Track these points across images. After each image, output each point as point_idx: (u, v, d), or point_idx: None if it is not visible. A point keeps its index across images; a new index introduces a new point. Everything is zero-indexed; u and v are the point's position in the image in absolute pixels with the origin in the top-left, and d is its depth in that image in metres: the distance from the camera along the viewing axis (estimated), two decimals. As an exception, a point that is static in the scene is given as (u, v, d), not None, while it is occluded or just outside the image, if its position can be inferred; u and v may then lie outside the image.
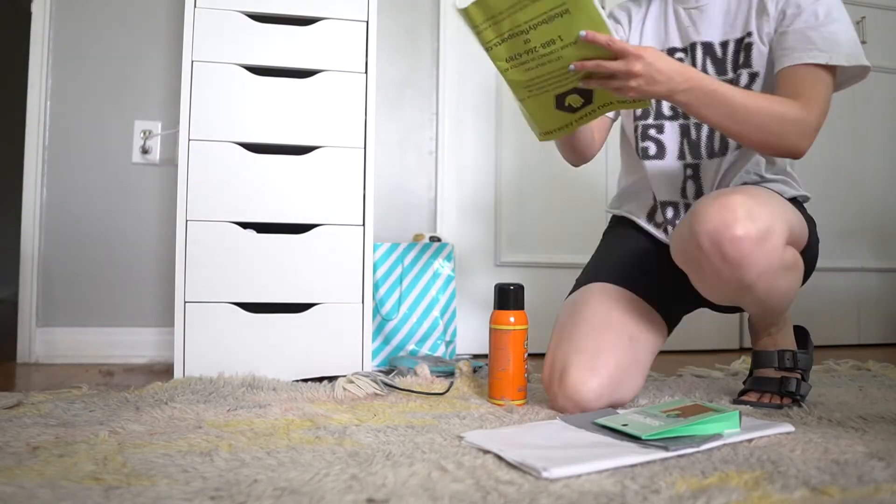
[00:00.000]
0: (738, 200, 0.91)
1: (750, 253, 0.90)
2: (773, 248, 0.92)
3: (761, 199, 0.95)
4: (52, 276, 1.69)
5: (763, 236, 0.90)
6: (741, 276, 0.92)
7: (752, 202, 0.92)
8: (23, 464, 0.72)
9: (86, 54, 1.72)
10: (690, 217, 0.96)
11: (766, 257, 0.91)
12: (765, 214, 0.91)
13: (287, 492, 0.64)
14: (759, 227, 0.89)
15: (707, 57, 1.14)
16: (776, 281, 0.96)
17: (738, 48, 1.12)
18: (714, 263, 0.92)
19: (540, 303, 1.89)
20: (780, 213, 0.96)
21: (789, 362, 1.12)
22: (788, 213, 1.00)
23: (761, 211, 0.91)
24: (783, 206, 1.01)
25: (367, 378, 1.21)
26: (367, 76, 1.41)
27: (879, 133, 2.32)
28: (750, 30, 1.10)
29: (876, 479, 0.68)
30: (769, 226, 0.91)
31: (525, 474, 0.70)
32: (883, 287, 2.31)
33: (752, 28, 1.10)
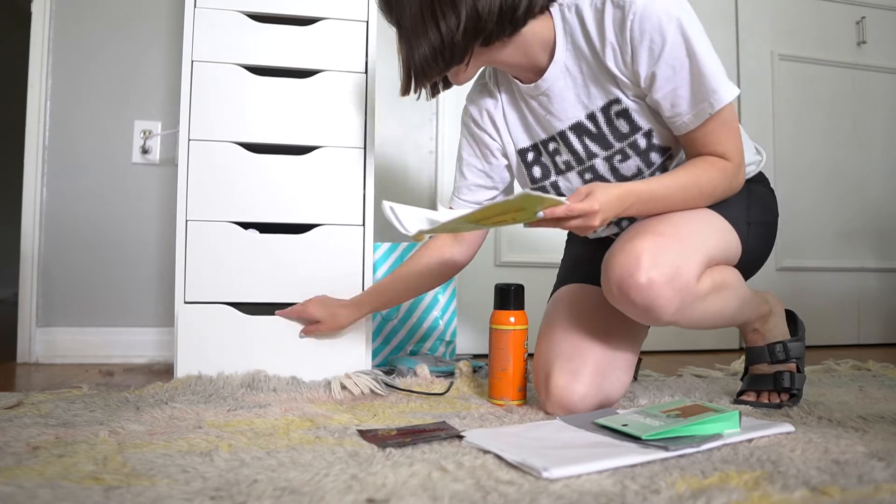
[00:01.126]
0: (642, 245, 0.92)
1: (657, 297, 0.90)
2: (683, 287, 0.91)
3: (671, 235, 0.94)
4: (52, 276, 1.69)
5: (670, 279, 0.90)
6: (656, 317, 0.93)
7: (658, 243, 0.92)
8: (23, 464, 0.72)
9: (86, 54, 1.73)
10: (604, 262, 0.97)
11: (675, 298, 0.91)
12: (670, 255, 0.91)
13: (287, 492, 0.64)
14: (664, 271, 0.90)
15: (584, 137, 1.07)
16: (697, 312, 0.96)
17: (608, 117, 1.04)
18: (627, 309, 0.94)
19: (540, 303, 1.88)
20: (693, 245, 0.95)
21: (781, 354, 1.13)
22: (706, 236, 0.99)
23: (666, 252, 0.91)
24: (701, 230, 1.00)
25: (367, 376, 1.21)
26: (367, 76, 1.41)
27: (879, 133, 2.32)
28: (615, 96, 1.02)
29: (876, 479, 0.68)
30: (676, 266, 0.91)
31: (525, 474, 0.70)
32: (883, 287, 2.31)
33: (616, 94, 1.02)
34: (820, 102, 2.25)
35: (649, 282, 0.89)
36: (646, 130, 1.03)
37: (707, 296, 0.97)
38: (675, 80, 0.96)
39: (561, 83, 1.06)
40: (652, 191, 0.98)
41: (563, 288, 1.19)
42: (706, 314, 0.99)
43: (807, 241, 2.20)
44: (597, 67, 1.02)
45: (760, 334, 1.15)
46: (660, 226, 0.97)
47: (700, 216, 1.02)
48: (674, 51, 0.95)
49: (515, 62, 1.06)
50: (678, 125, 1.00)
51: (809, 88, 2.25)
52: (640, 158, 1.06)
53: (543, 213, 0.87)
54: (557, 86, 1.06)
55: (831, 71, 2.25)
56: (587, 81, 1.04)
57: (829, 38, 2.26)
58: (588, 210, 0.88)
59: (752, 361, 1.16)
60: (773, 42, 2.21)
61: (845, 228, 2.29)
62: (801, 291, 2.17)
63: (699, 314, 0.97)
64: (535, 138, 1.14)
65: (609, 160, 1.07)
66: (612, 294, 0.95)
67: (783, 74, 2.21)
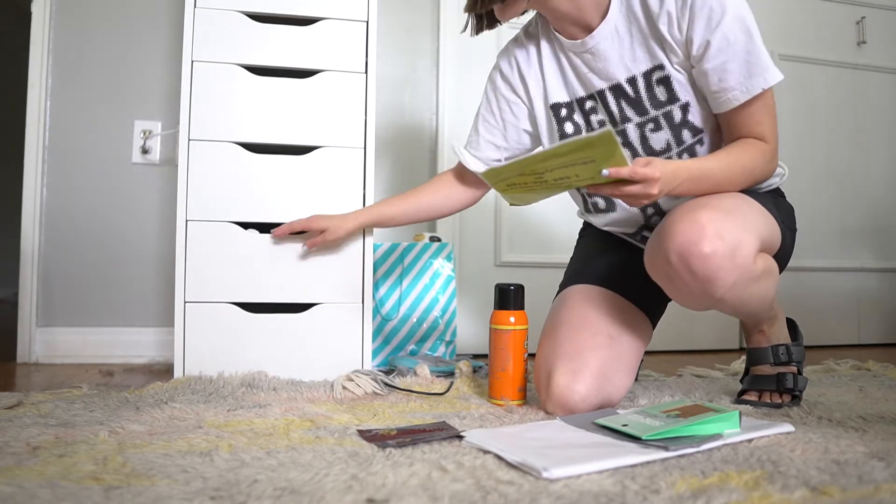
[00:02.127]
0: (707, 216, 0.91)
1: (719, 269, 0.89)
2: (743, 263, 0.91)
3: (731, 211, 0.95)
4: (52, 276, 1.69)
5: (732, 252, 0.90)
6: (711, 291, 0.92)
7: (721, 216, 0.92)
8: (23, 464, 0.72)
9: (86, 54, 1.73)
10: (660, 232, 0.96)
11: (735, 272, 0.91)
12: (733, 229, 0.91)
13: (287, 492, 0.64)
14: (727, 243, 0.89)
15: (621, 99, 1.09)
16: (747, 292, 0.96)
17: (649, 83, 1.06)
18: (684, 279, 0.92)
19: (540, 303, 1.89)
20: (751, 224, 0.96)
21: (784, 356, 1.13)
22: (759, 220, 1.00)
23: (729, 225, 0.91)
24: (754, 213, 1.00)
25: (367, 376, 1.21)
26: (367, 76, 1.40)
27: (879, 133, 2.32)
28: (660, 62, 1.04)
29: (876, 479, 0.68)
30: (737, 240, 0.90)
31: (525, 474, 0.70)
32: (883, 287, 2.31)
33: (662, 60, 1.04)
34: (820, 102, 2.25)
35: (713, 252, 0.88)
36: (683, 103, 1.05)
37: (759, 278, 0.97)
38: (728, 52, 0.98)
39: (608, 43, 1.07)
40: (702, 168, 0.98)
41: (571, 288, 1.19)
42: (753, 297, 0.99)
43: (807, 241, 2.20)
44: (648, 31, 1.04)
45: (765, 335, 1.15)
46: (715, 202, 0.97)
47: (749, 203, 1.02)
48: (732, 23, 0.97)
49: (565, 10, 1.07)
50: (723, 101, 1.01)
51: (809, 88, 2.25)
52: (672, 132, 1.07)
53: (609, 172, 0.85)
54: (604, 45, 1.08)
55: (831, 71, 2.25)
56: (634, 45, 1.06)
57: (829, 38, 2.26)
58: (650, 176, 0.87)
59: (754, 362, 1.16)
60: (773, 42, 2.21)
61: (845, 228, 2.29)
62: (801, 291, 2.17)
63: (747, 295, 0.97)
64: (572, 95, 1.15)
65: (641, 127, 1.08)
66: (668, 264, 0.93)
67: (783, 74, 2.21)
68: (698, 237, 0.89)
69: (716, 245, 0.88)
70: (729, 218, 0.92)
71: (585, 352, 1.04)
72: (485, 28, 1.18)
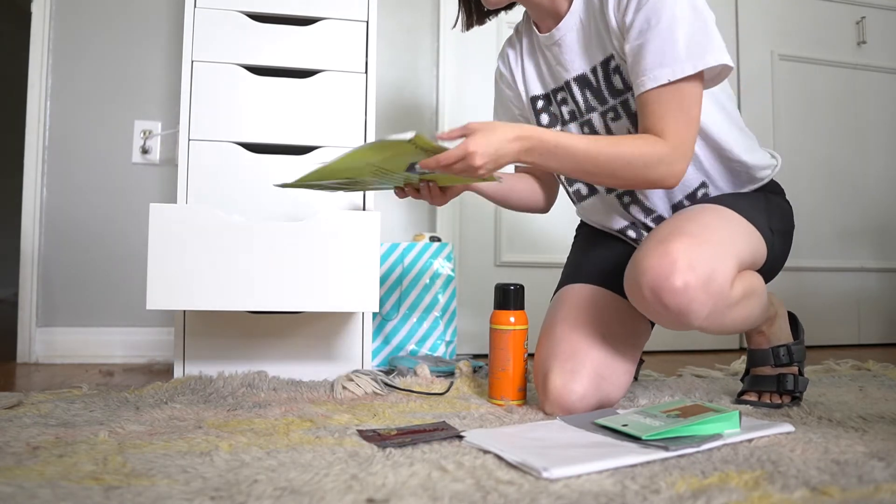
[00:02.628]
0: (677, 247, 0.89)
1: (691, 302, 0.88)
2: (717, 292, 0.90)
3: (704, 236, 0.93)
4: (52, 276, 1.69)
5: (705, 283, 0.88)
6: (687, 322, 0.91)
7: (692, 244, 0.90)
8: (23, 464, 0.72)
9: (86, 54, 1.73)
10: (634, 264, 0.95)
11: (709, 303, 0.89)
12: (706, 258, 0.89)
13: (287, 492, 0.64)
14: (699, 275, 0.87)
15: (585, 90, 1.09)
16: (727, 318, 0.96)
17: (606, 72, 1.06)
18: (659, 312, 0.91)
19: (540, 303, 1.88)
20: (727, 248, 0.94)
21: (785, 358, 1.13)
22: (737, 240, 0.98)
23: (702, 254, 0.89)
24: (732, 232, 0.99)
25: (367, 376, 1.21)
26: (367, 76, 1.41)
27: (879, 133, 2.32)
28: (610, 52, 1.04)
29: (876, 479, 0.68)
30: (710, 270, 0.89)
31: (525, 474, 0.70)
32: (883, 287, 2.31)
33: (611, 49, 1.03)
34: (820, 102, 2.25)
35: (685, 286, 0.87)
36: None
37: (738, 302, 0.96)
38: (647, 34, 0.95)
39: (573, 34, 1.09)
40: (561, 141, 0.94)
41: (567, 287, 1.19)
42: (734, 320, 0.98)
43: (807, 241, 2.20)
44: (601, 21, 1.04)
45: (765, 337, 1.15)
46: (690, 226, 0.95)
47: (728, 219, 1.01)
48: (658, 5, 0.94)
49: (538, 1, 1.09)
50: (636, 84, 0.98)
51: (809, 88, 2.25)
52: (629, 121, 1.06)
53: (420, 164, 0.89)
54: (569, 37, 1.09)
55: (831, 71, 2.25)
56: (592, 35, 1.07)
57: (829, 38, 2.26)
58: (463, 154, 0.88)
59: (754, 363, 1.16)
60: (773, 42, 2.21)
61: (845, 228, 2.29)
62: (801, 291, 2.17)
63: (728, 320, 0.96)
64: (546, 87, 1.18)
65: (604, 116, 1.09)
66: (642, 298, 0.92)
67: (783, 74, 2.21)
68: (669, 271, 0.87)
69: (687, 278, 0.87)
70: (701, 246, 0.90)
71: (581, 351, 1.04)
72: (475, 23, 1.20)
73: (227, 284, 1.12)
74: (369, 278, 1.17)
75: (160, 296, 1.10)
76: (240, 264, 1.13)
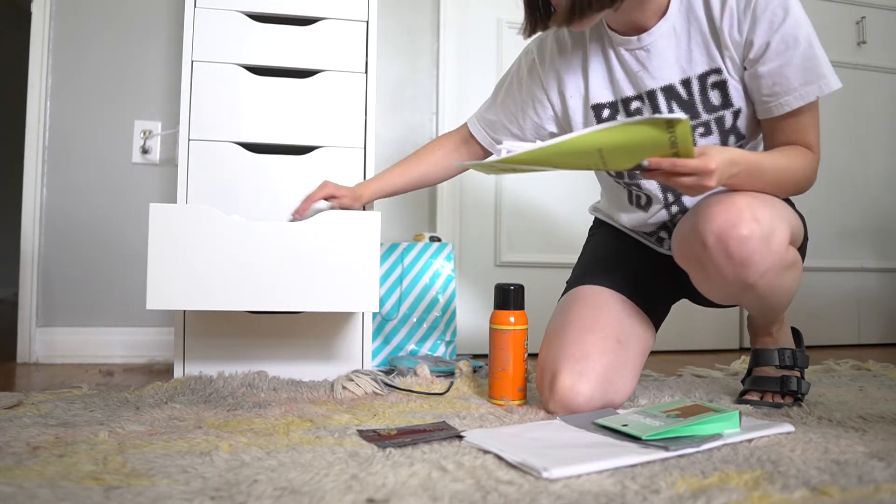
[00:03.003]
0: (743, 202, 0.92)
1: (754, 252, 0.90)
2: (777, 249, 0.92)
3: (763, 200, 0.95)
4: (52, 276, 1.69)
5: (767, 236, 0.91)
6: (745, 275, 0.92)
7: (756, 203, 0.92)
8: (23, 464, 0.72)
9: (86, 54, 1.73)
10: (694, 216, 0.96)
11: (770, 257, 0.92)
12: (768, 215, 0.92)
13: (287, 492, 0.64)
14: (764, 228, 0.90)
15: (672, 101, 1.07)
16: (778, 280, 0.96)
17: (703, 86, 1.05)
18: (718, 262, 0.93)
19: (540, 303, 1.88)
20: (782, 214, 0.97)
21: (789, 360, 1.13)
22: (788, 214, 1.01)
23: (765, 212, 0.92)
24: (783, 207, 1.01)
25: (367, 376, 1.21)
26: (367, 76, 1.41)
27: (879, 133, 2.32)
28: (717, 66, 1.03)
29: (876, 479, 0.68)
30: (773, 226, 0.92)
31: (525, 474, 0.70)
32: (883, 287, 2.31)
33: (720, 64, 1.03)
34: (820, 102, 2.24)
35: (750, 234, 0.89)
36: (736, 109, 1.05)
37: (789, 267, 0.98)
38: (786, 55, 0.98)
39: (665, 42, 1.05)
40: (759, 162, 0.97)
41: (580, 288, 1.17)
42: (782, 286, 0.99)
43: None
44: (709, 33, 1.03)
45: (773, 339, 1.15)
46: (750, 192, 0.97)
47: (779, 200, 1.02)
48: (793, 28, 0.98)
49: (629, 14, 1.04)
50: (773, 105, 1.01)
51: (809, 88, 2.24)
52: (720, 137, 1.07)
53: (648, 162, 0.85)
54: (661, 43, 1.05)
55: (831, 71, 2.25)
56: (692, 46, 1.04)
57: (829, 38, 2.23)
58: (702, 168, 0.85)
59: (758, 363, 1.16)
60: (773, 42, 2.21)
61: (845, 228, 2.29)
62: (801, 291, 2.14)
63: (777, 283, 0.97)
64: (618, 94, 1.11)
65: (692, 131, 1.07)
66: (704, 246, 0.93)
67: None
68: (737, 219, 0.90)
69: (753, 228, 0.89)
70: (765, 205, 0.93)
71: (593, 355, 1.04)
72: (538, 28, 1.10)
73: (227, 284, 1.10)
74: (369, 278, 1.16)
75: (160, 296, 1.09)
76: (240, 264, 1.11)
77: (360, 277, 1.16)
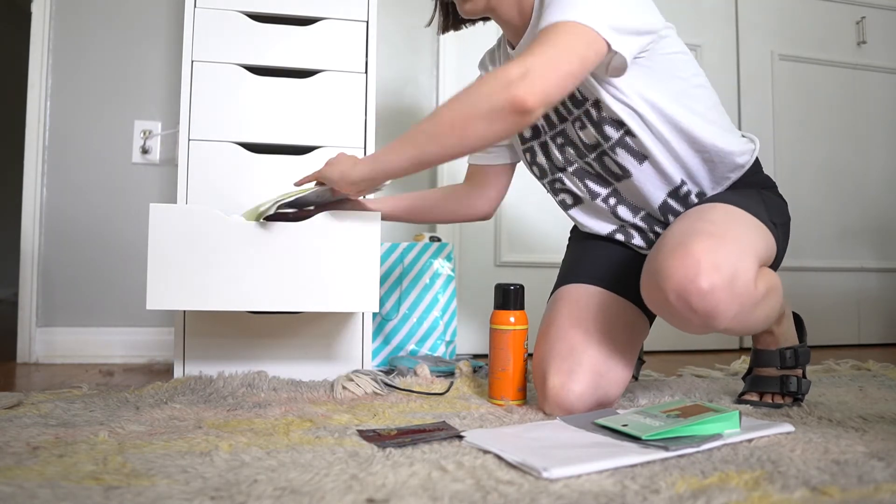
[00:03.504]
0: (700, 247, 0.87)
1: (719, 303, 0.86)
2: (743, 292, 0.88)
3: (723, 235, 0.91)
4: (52, 276, 1.69)
5: (730, 283, 0.86)
6: (714, 324, 0.89)
7: (714, 244, 0.88)
8: (23, 464, 0.72)
9: (86, 54, 1.73)
10: (654, 267, 0.92)
11: (735, 303, 0.88)
12: (729, 257, 0.88)
13: (287, 492, 0.64)
14: (724, 275, 0.86)
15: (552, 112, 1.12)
16: (752, 317, 0.95)
17: None
18: (684, 316, 0.89)
19: (540, 303, 1.88)
20: (745, 245, 0.93)
21: (791, 360, 1.12)
22: (753, 236, 0.97)
23: (724, 253, 0.88)
24: (745, 228, 0.98)
25: (367, 376, 1.21)
26: (367, 76, 1.41)
27: (879, 133, 2.32)
28: None
29: (876, 479, 0.68)
30: (735, 268, 0.87)
31: (525, 474, 0.70)
32: (883, 287, 2.31)
33: None
34: (820, 102, 2.25)
35: (711, 287, 0.85)
36: (592, 101, 1.04)
37: (762, 300, 0.95)
38: None
39: None
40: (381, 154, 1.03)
41: (563, 288, 1.18)
42: (758, 319, 0.98)
43: (807, 241, 2.20)
44: None
45: (774, 337, 1.14)
46: (704, 225, 0.94)
47: (736, 215, 1.00)
48: None
49: (508, 16, 1.09)
50: None
51: (809, 88, 2.25)
52: (595, 129, 1.06)
53: None
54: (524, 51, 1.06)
55: (831, 71, 2.25)
56: None
57: (829, 38, 2.26)
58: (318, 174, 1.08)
59: (758, 364, 1.16)
60: (773, 42, 2.21)
61: (845, 228, 2.29)
62: (801, 291, 2.17)
63: (752, 319, 0.96)
64: None
65: (573, 125, 1.10)
66: (666, 302, 0.89)
67: (783, 74, 2.21)
68: (694, 273, 0.85)
69: (713, 279, 0.85)
70: (722, 245, 0.89)
71: (578, 349, 1.03)
72: (451, 27, 1.22)
73: (227, 284, 1.10)
74: (369, 278, 1.16)
75: (160, 296, 1.09)
76: (239, 264, 1.11)
77: (360, 277, 1.16)
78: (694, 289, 0.86)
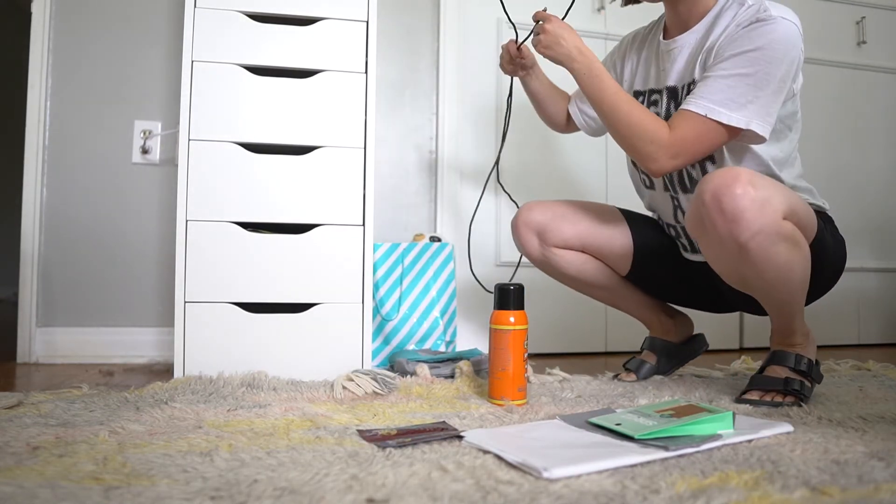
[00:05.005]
0: (743, 170, 1.00)
1: (746, 209, 0.97)
2: (770, 214, 0.98)
3: (766, 178, 1.02)
4: (52, 276, 1.69)
5: (761, 201, 0.97)
6: (737, 232, 0.98)
7: (756, 176, 1.00)
8: (23, 464, 0.72)
9: (86, 54, 1.73)
10: (700, 182, 1.05)
11: (760, 219, 0.97)
12: (765, 186, 0.99)
13: (287, 492, 0.64)
14: (758, 193, 0.97)
15: (671, 102, 1.22)
16: (772, 247, 1.00)
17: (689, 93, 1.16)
18: (713, 217, 1.00)
19: (540, 303, 1.89)
20: (782, 192, 1.03)
21: (805, 366, 1.13)
22: (793, 197, 1.06)
23: (762, 183, 0.99)
24: (790, 192, 1.07)
25: (367, 376, 1.21)
26: (367, 76, 1.41)
27: (879, 133, 2.32)
28: (696, 77, 1.16)
29: (876, 479, 0.68)
30: (768, 195, 0.99)
31: (525, 474, 0.70)
32: (883, 287, 2.31)
33: (697, 76, 1.16)
34: (820, 102, 2.25)
35: (743, 193, 0.97)
36: None
37: (785, 238, 1.01)
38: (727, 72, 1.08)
39: (683, 50, 1.20)
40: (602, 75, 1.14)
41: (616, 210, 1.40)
42: (779, 258, 1.02)
43: (807, 241, 2.20)
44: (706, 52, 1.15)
45: (801, 348, 1.16)
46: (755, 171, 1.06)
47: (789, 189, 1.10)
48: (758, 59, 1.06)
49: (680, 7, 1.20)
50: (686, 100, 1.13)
51: (809, 88, 2.24)
52: None
53: None
54: (683, 52, 1.20)
55: (831, 71, 2.25)
56: (696, 55, 1.17)
57: (829, 38, 2.26)
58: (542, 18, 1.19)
59: (772, 362, 1.16)
60: (773, 42, 2.21)
61: (845, 228, 2.27)
62: (801, 291, 2.17)
63: (774, 251, 1.01)
64: (646, 85, 1.30)
65: None
66: (702, 204, 1.01)
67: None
68: (732, 180, 0.98)
69: (747, 189, 0.97)
70: (765, 180, 1.01)
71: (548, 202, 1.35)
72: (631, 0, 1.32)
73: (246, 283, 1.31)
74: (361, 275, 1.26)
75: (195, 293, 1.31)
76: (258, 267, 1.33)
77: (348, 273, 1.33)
78: (728, 191, 0.98)
